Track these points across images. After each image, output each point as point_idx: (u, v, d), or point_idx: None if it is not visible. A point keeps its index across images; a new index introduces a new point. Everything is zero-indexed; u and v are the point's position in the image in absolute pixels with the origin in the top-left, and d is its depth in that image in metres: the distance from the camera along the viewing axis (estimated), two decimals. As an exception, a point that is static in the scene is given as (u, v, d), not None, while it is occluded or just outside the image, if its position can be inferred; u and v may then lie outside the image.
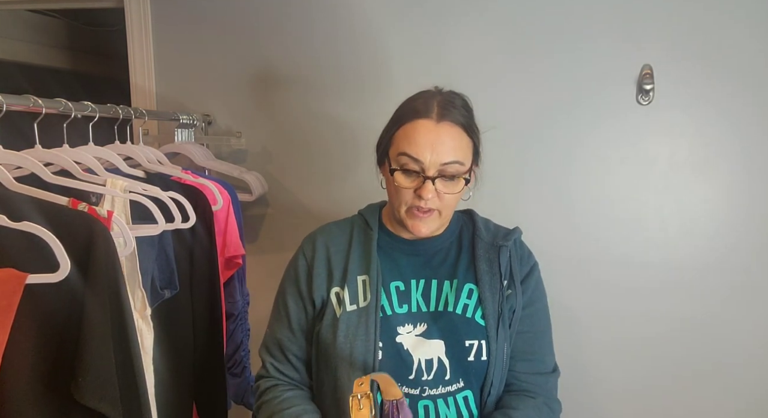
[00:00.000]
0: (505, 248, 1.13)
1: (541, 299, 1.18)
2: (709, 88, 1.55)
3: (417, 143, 1.02)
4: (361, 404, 0.90)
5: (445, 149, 1.02)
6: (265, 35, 1.76)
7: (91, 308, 0.89)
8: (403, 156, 1.03)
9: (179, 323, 1.30)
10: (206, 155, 1.72)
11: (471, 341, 1.07)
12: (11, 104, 1.00)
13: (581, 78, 1.60)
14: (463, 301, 1.09)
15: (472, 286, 1.11)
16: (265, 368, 1.18)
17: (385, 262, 1.13)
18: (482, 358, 1.06)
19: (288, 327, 1.16)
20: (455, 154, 1.03)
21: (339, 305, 1.10)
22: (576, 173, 1.64)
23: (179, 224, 1.18)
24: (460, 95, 1.10)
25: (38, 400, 0.87)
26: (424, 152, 1.01)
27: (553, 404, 1.13)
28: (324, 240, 1.17)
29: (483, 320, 1.08)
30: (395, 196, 1.07)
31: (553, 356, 1.18)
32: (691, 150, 1.58)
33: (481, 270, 1.11)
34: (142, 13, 1.81)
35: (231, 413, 1.47)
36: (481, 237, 1.15)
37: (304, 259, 1.17)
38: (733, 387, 1.62)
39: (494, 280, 1.10)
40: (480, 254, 1.13)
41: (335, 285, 1.12)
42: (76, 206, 0.99)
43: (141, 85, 1.84)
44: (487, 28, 1.63)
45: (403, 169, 1.04)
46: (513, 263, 1.13)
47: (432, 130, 1.02)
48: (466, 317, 1.08)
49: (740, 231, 1.58)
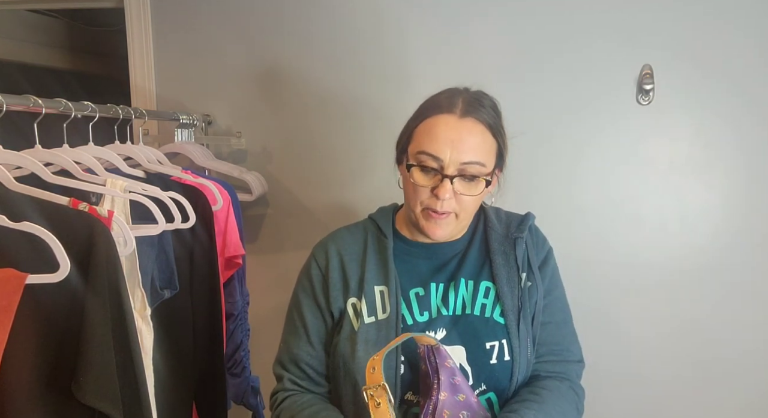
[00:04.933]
0: (521, 239, 1.09)
1: (558, 286, 1.13)
2: (709, 88, 1.55)
3: (437, 139, 0.97)
4: (377, 400, 0.83)
5: (466, 148, 0.97)
6: (264, 35, 1.76)
7: (92, 307, 0.89)
8: (422, 153, 0.99)
9: (179, 323, 1.30)
10: (206, 155, 1.72)
11: (491, 343, 1.02)
12: (11, 104, 1.00)
13: (581, 78, 1.60)
14: (480, 301, 1.05)
15: (488, 284, 1.06)
16: (282, 383, 1.10)
17: (403, 269, 1.08)
18: (505, 358, 1.02)
19: (307, 341, 1.09)
20: (477, 154, 0.98)
21: (356, 318, 1.05)
22: (575, 173, 1.64)
23: (179, 224, 1.18)
24: (490, 97, 1.05)
25: (39, 399, 0.87)
26: (444, 149, 0.97)
27: (578, 389, 1.09)
28: (336, 247, 1.11)
29: (502, 318, 1.04)
30: (411, 195, 1.02)
31: (578, 345, 1.13)
32: (691, 150, 1.58)
33: (497, 265, 1.06)
34: (142, 13, 1.81)
35: (231, 413, 1.47)
36: (494, 229, 1.10)
37: (317, 268, 1.11)
38: (733, 386, 1.62)
39: (512, 273, 1.06)
40: (495, 248, 1.08)
41: (351, 296, 1.07)
42: (77, 206, 0.99)
43: (141, 85, 1.84)
44: (489, 31, 1.63)
45: (420, 166, 0.99)
46: (530, 253, 1.09)
47: (454, 127, 0.98)
48: (484, 317, 1.04)
49: (740, 231, 1.58)
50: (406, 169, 1.02)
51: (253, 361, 1.68)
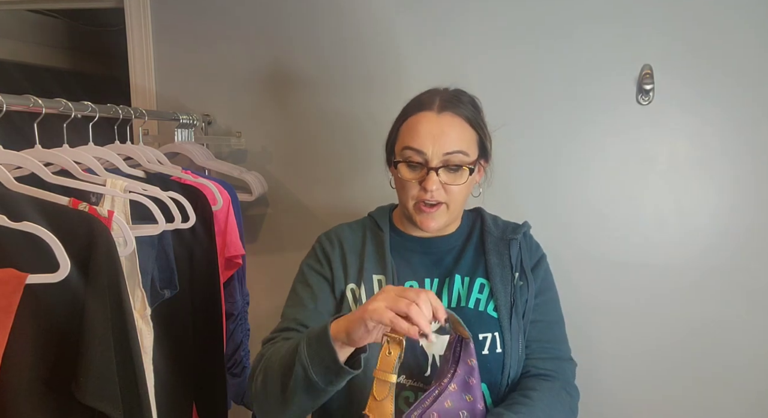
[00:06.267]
0: (515, 241, 1.14)
1: (551, 289, 1.17)
2: (709, 88, 1.55)
3: (419, 135, 1.04)
4: (390, 350, 0.82)
5: (447, 140, 1.04)
6: (265, 35, 1.76)
7: (92, 307, 0.89)
8: (407, 149, 1.05)
9: (179, 323, 1.30)
10: (206, 155, 1.72)
11: (484, 334, 1.06)
12: (11, 104, 1.00)
13: (581, 78, 1.60)
14: (474, 296, 1.10)
15: (483, 280, 1.11)
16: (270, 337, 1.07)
17: (399, 262, 1.13)
18: (497, 350, 1.06)
19: (314, 308, 1.09)
20: (458, 144, 1.04)
21: (355, 304, 1.09)
22: (575, 173, 1.64)
23: (179, 224, 1.18)
24: (468, 94, 1.12)
25: (39, 399, 0.87)
26: (426, 143, 1.03)
27: (572, 389, 1.11)
28: (338, 238, 1.16)
29: (495, 313, 1.08)
30: (402, 191, 1.08)
31: (568, 346, 1.16)
32: (691, 150, 1.58)
33: (491, 264, 1.11)
34: (142, 13, 1.81)
35: (231, 413, 1.47)
36: (490, 232, 1.16)
37: (322, 251, 1.15)
38: (735, 388, 1.62)
39: (505, 272, 1.11)
40: (490, 248, 1.13)
41: (351, 281, 1.11)
42: (77, 206, 0.99)
43: (141, 85, 1.84)
44: (488, 29, 1.63)
45: (407, 162, 1.06)
46: (523, 255, 1.14)
47: (433, 122, 1.05)
48: (478, 310, 1.08)
49: (740, 231, 1.58)
50: (394, 167, 1.09)
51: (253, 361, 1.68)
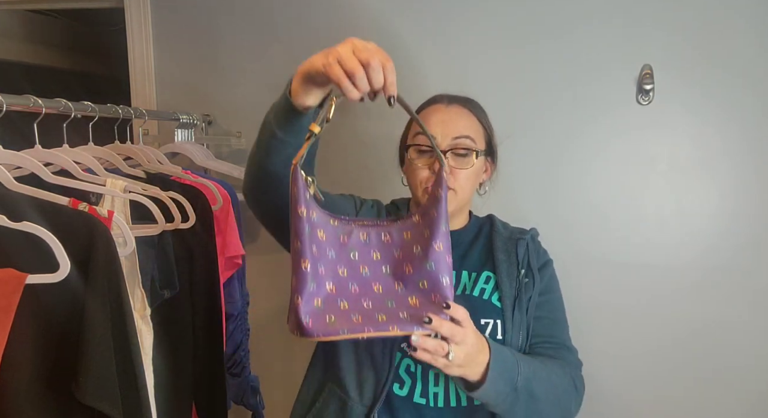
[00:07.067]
0: (523, 240, 1.18)
1: (555, 290, 1.20)
2: (709, 88, 1.55)
3: (430, 122, 1.12)
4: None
5: (455, 125, 1.11)
6: (264, 35, 1.76)
7: (92, 307, 0.89)
8: (418, 135, 1.12)
9: (179, 323, 1.30)
10: (206, 155, 1.72)
11: (486, 320, 1.08)
12: (11, 104, 1.00)
13: (581, 78, 1.60)
14: (480, 286, 1.12)
15: (489, 273, 1.14)
16: None
17: None
18: (497, 337, 1.07)
19: None
20: (466, 130, 1.11)
21: None
22: (575, 173, 1.63)
23: (179, 224, 1.18)
24: (475, 101, 1.19)
25: (38, 399, 0.87)
26: (436, 128, 1.10)
27: (577, 380, 1.12)
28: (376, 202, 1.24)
29: (500, 303, 1.10)
30: (413, 177, 1.13)
31: (573, 346, 1.18)
32: (691, 150, 1.58)
33: (498, 260, 1.15)
34: (142, 13, 1.81)
35: (231, 413, 1.47)
36: (499, 232, 1.20)
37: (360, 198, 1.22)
38: (736, 389, 1.62)
39: (511, 268, 1.14)
40: (498, 246, 1.17)
41: None
42: (77, 206, 0.99)
43: (141, 85, 1.84)
44: (488, 29, 1.63)
45: (417, 147, 1.12)
46: (530, 255, 1.17)
47: (443, 111, 1.14)
48: (483, 298, 1.11)
49: (741, 231, 1.58)
50: (405, 151, 1.15)
51: (253, 361, 1.68)
